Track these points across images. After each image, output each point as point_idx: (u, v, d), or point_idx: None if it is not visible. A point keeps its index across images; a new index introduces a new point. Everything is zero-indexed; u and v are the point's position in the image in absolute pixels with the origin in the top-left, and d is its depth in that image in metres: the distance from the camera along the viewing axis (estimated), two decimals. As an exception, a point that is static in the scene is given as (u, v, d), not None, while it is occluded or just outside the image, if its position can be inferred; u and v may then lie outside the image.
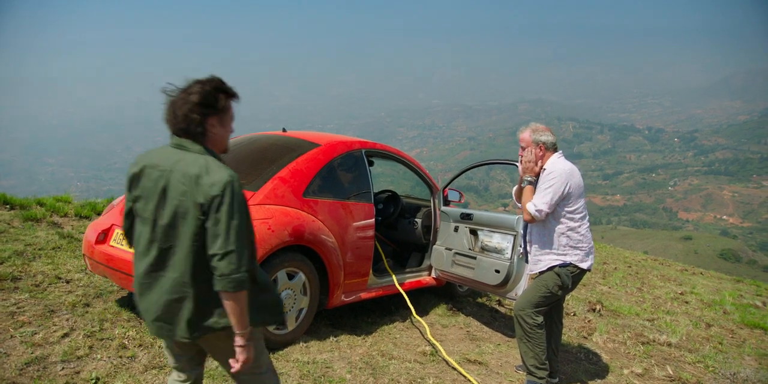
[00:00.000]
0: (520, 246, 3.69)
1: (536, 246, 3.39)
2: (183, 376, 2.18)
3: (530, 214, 3.25)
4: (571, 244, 3.31)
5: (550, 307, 3.47)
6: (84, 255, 3.78)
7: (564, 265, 3.30)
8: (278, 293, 2.11)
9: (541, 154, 3.36)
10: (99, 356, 3.09)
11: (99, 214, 6.54)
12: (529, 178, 3.36)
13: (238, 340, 1.85)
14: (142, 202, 1.94)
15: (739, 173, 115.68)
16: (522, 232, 3.63)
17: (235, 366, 1.87)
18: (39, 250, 4.94)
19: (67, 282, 4.22)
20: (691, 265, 15.73)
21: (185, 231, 1.85)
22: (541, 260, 3.36)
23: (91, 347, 3.17)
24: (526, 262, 3.56)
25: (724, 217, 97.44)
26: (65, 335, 3.26)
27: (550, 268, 3.32)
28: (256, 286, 1.97)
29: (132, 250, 3.22)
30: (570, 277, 3.32)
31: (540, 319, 3.35)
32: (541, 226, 3.35)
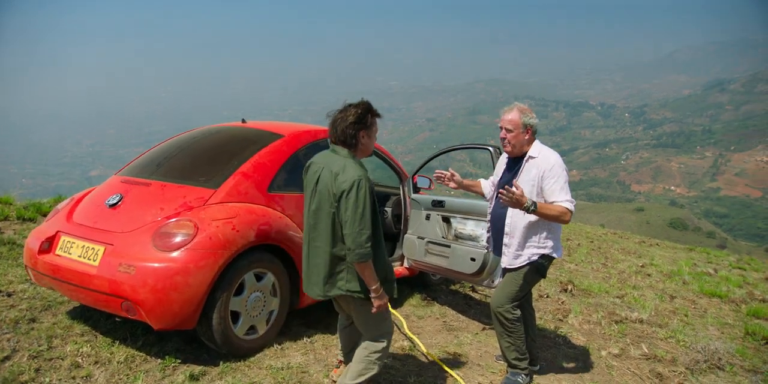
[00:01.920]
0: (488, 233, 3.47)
1: (518, 240, 3.18)
2: (344, 319, 2.97)
3: (571, 212, 2.98)
4: (549, 236, 3.17)
5: None
6: (26, 266, 3.43)
7: (542, 258, 3.17)
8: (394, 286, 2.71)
9: (527, 137, 3.16)
10: (47, 379, 2.80)
11: (45, 215, 6.07)
12: (529, 203, 2.89)
13: (372, 294, 2.52)
14: (307, 188, 2.65)
15: (685, 145, 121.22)
16: (490, 224, 3.41)
17: (373, 310, 2.57)
18: (-24, 259, 4.52)
19: (9, 295, 3.86)
20: (645, 235, 16.34)
21: (324, 213, 2.52)
22: (522, 255, 3.18)
23: (37, 370, 2.87)
24: (498, 255, 3.35)
25: (672, 187, 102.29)
26: (6, 358, 2.94)
27: (530, 263, 3.18)
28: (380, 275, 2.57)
29: (82, 260, 2.95)
30: (545, 267, 3.21)
31: (518, 312, 3.23)
32: (527, 221, 3.13)
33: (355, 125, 2.53)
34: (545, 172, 3.04)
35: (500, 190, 2.90)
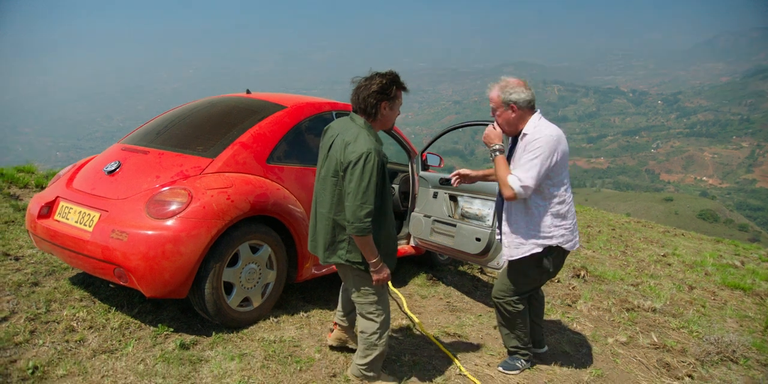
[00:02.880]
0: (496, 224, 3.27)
1: (517, 227, 2.89)
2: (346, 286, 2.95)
3: (513, 190, 2.67)
4: (556, 224, 2.84)
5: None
6: (28, 230, 3.45)
7: (548, 249, 2.87)
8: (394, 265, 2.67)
9: (514, 115, 2.80)
10: (41, 341, 2.82)
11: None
12: (496, 147, 2.81)
13: (371, 267, 2.51)
14: (321, 152, 2.62)
15: (720, 135, 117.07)
16: (496, 211, 3.20)
17: (372, 283, 2.59)
18: (-11, 224, 4.60)
19: (17, 259, 3.91)
20: (672, 226, 15.83)
21: (330, 179, 2.51)
22: (524, 244, 2.87)
23: (32, 332, 2.89)
24: (499, 242, 3.13)
25: (704, 178, 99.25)
26: (4, 319, 2.97)
27: (533, 255, 2.88)
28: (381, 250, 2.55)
29: (78, 225, 2.94)
30: (553, 261, 2.93)
31: (521, 306, 3.02)
32: (524, 205, 2.85)
33: (378, 95, 2.46)
34: (527, 146, 2.76)
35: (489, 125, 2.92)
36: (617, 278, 5.90)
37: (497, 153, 2.81)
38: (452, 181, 3.19)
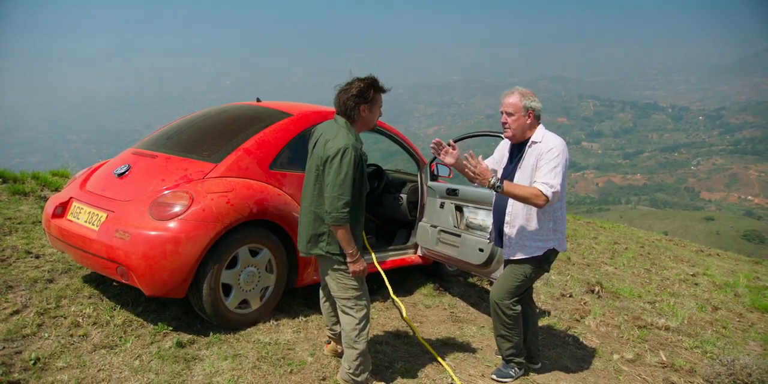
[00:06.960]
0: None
1: (521, 230, 3.04)
2: (324, 292, 3.04)
3: (547, 197, 2.76)
4: (555, 228, 3.04)
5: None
6: (44, 229, 3.63)
7: (547, 251, 3.04)
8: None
9: (529, 121, 3.00)
10: (47, 335, 2.95)
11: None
12: (493, 180, 2.76)
13: (348, 258, 2.65)
14: (310, 153, 2.79)
15: (767, 152, 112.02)
16: (493, 213, 3.25)
17: (350, 275, 2.71)
18: (18, 224, 4.83)
19: (37, 257, 4.10)
20: (712, 246, 15.16)
21: (312, 175, 2.69)
22: (527, 246, 3.02)
23: (40, 325, 3.03)
24: (500, 246, 3.21)
25: (749, 197, 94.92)
26: (15, 312, 3.13)
27: (534, 257, 3.04)
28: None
29: (86, 225, 3.07)
30: (549, 262, 3.09)
31: (518, 307, 3.11)
32: (529, 209, 3.01)
33: (356, 98, 2.63)
34: (542, 155, 2.91)
35: (465, 155, 2.81)
36: (634, 295, 5.73)
37: (500, 183, 2.78)
38: (432, 143, 3.05)
